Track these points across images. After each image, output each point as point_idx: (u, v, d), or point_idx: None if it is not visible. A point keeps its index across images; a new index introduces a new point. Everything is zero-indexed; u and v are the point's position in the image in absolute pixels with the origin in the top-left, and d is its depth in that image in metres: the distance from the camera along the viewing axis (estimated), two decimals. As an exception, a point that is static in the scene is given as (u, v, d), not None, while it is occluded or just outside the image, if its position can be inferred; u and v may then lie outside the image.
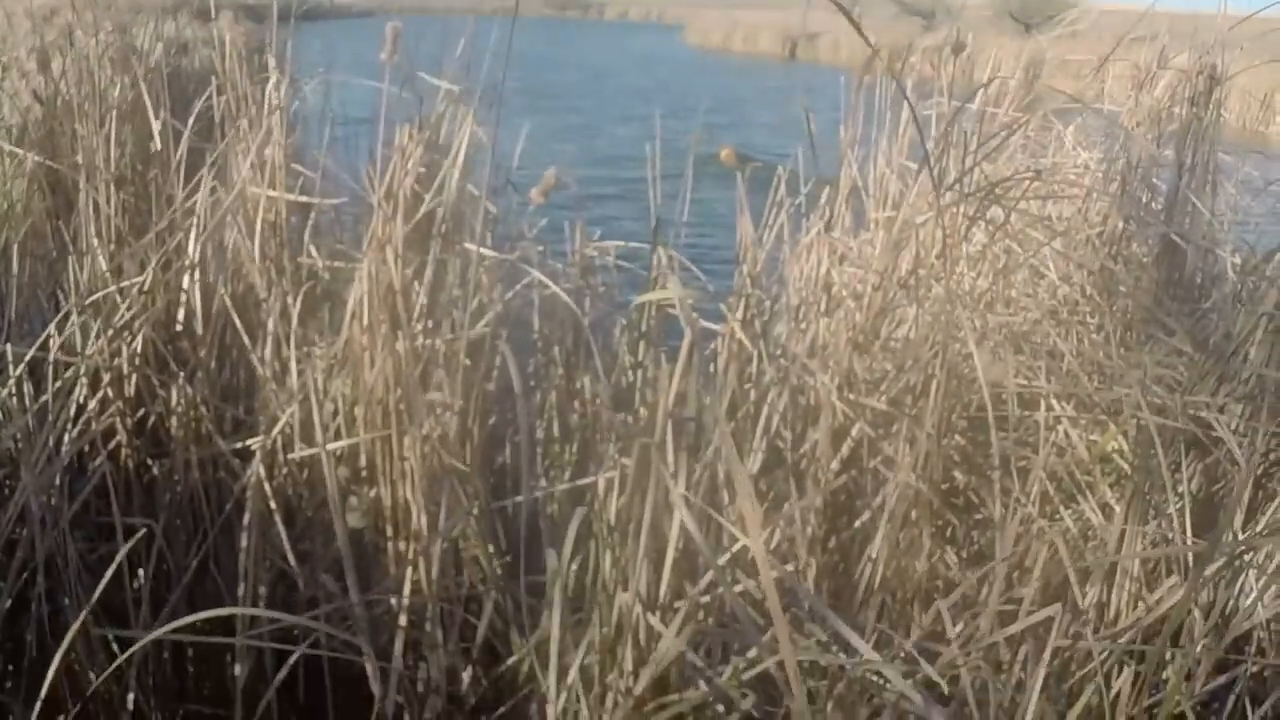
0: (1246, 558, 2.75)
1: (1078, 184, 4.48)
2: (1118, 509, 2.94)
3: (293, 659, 2.72)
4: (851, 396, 3.26)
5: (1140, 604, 2.73)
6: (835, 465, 3.19)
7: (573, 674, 2.26)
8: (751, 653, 2.27)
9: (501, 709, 2.81)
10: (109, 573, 2.69)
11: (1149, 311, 3.85)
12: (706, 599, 2.43)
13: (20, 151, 4.91)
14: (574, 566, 2.37)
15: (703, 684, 2.27)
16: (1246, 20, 4.46)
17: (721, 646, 2.48)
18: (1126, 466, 3.17)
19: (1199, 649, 2.45)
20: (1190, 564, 2.79)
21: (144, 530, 2.97)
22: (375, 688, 2.70)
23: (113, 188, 3.86)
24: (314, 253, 3.80)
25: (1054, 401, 3.31)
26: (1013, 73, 4.63)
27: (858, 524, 3.18)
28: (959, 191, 3.24)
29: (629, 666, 2.24)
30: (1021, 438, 3.31)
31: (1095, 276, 4.10)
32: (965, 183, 3.27)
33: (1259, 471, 3.12)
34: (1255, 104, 25.99)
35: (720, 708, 2.30)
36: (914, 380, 3.24)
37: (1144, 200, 4.69)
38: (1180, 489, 2.95)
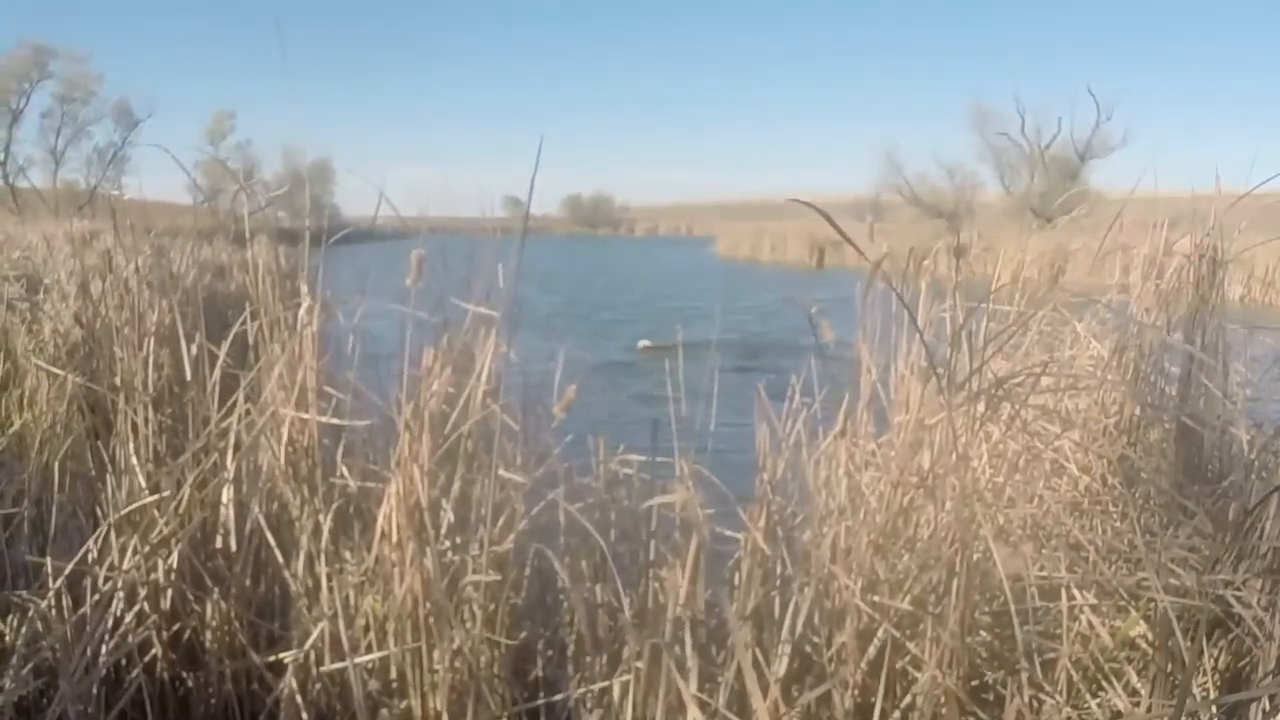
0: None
1: (1091, 375, 4.54)
2: (1144, 693, 2.96)
3: None
4: (875, 598, 3.28)
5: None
6: (863, 666, 3.21)
7: None
8: None
9: None
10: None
11: (1169, 495, 3.89)
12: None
13: (61, 373, 5.03)
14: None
15: None
16: (1246, 198, 4.55)
17: None
18: (1151, 651, 3.19)
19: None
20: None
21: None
22: None
23: (150, 409, 3.95)
24: (345, 472, 3.87)
25: (1075, 591, 3.34)
26: (1033, 267, 4.71)
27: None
28: (970, 391, 3.30)
29: None
30: (1047, 629, 3.33)
31: (1114, 465, 4.14)
32: (976, 381, 3.33)
33: (1283, 644, 3.12)
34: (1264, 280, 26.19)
35: None
36: (936, 578, 3.26)
37: (1158, 385, 4.75)
38: (1206, 668, 2.97)
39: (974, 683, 3.29)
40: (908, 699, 3.17)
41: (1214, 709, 2.97)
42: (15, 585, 3.57)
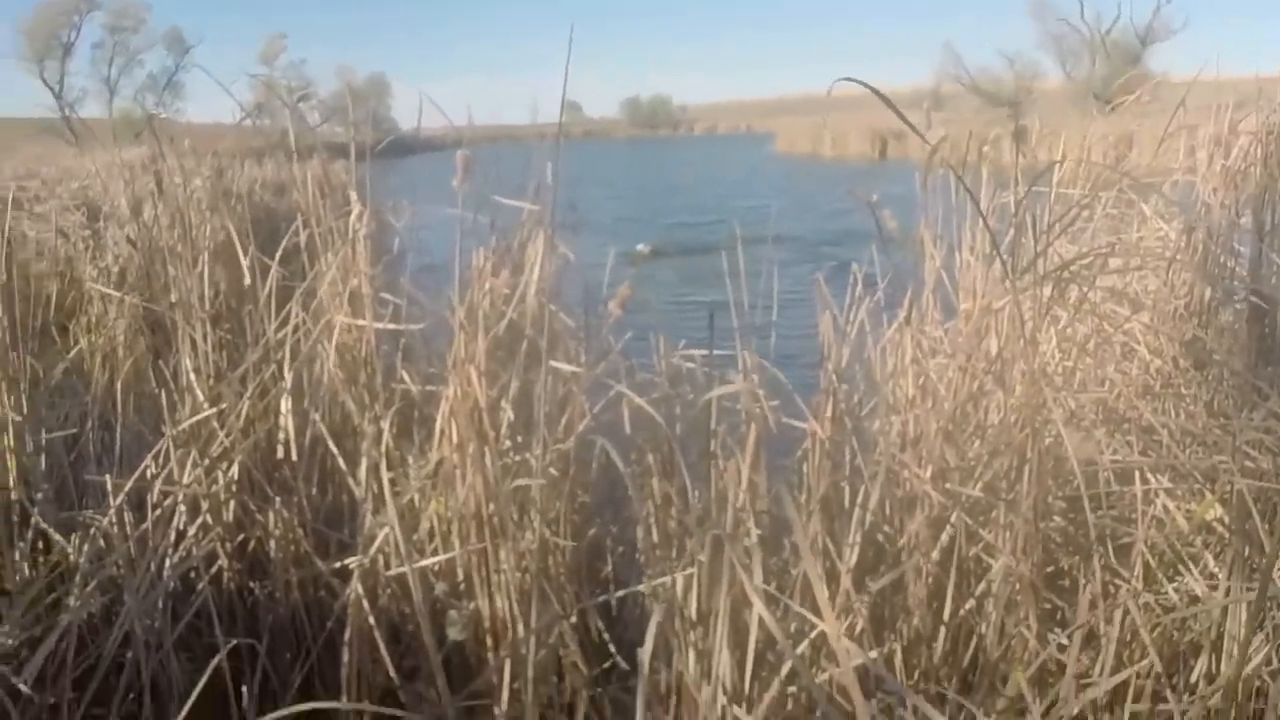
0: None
1: (1159, 257, 4.45)
2: (1221, 577, 2.90)
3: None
4: (947, 485, 3.24)
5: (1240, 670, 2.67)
6: (935, 555, 3.17)
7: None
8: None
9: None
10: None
11: (1242, 377, 3.82)
12: (794, 689, 2.42)
13: (118, 294, 5.04)
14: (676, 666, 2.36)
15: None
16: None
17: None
18: (1227, 535, 3.13)
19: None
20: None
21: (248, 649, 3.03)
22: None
23: (208, 325, 3.94)
24: (406, 377, 3.86)
25: (1150, 475, 3.27)
26: (1097, 152, 4.62)
27: (963, 611, 3.15)
28: (1035, 273, 3.23)
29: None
30: (1121, 514, 3.28)
31: (1185, 347, 4.07)
32: (1040, 265, 3.26)
33: (1362, 525, 3.05)
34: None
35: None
36: (1007, 464, 3.22)
37: (1228, 266, 4.66)
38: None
39: (1048, 569, 3.24)
40: (981, 586, 3.12)
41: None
42: (84, 506, 3.57)
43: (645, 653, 2.20)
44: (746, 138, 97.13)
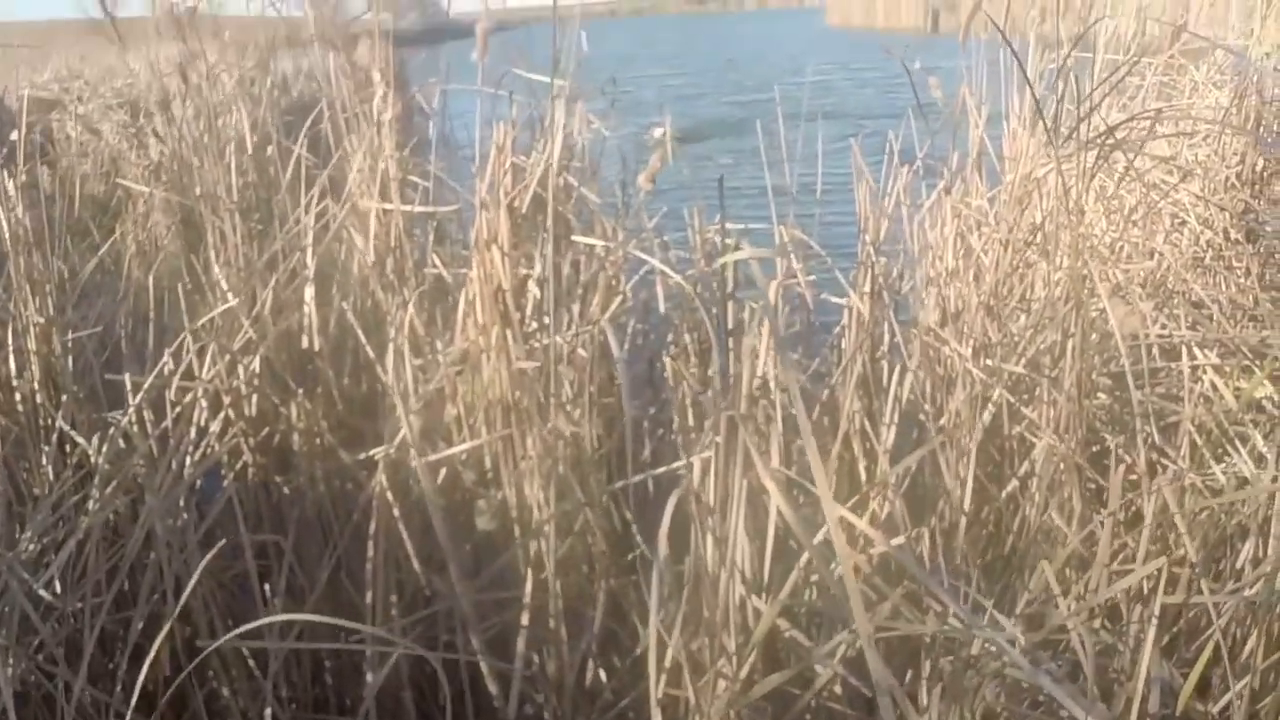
0: None
1: (1210, 122, 4.32)
2: (1270, 458, 2.81)
3: (392, 661, 2.70)
4: (988, 362, 3.17)
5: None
6: (977, 434, 3.10)
7: (672, 658, 2.18)
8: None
9: (625, 701, 2.76)
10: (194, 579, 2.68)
11: (1296, 250, 3.73)
12: (815, 578, 2.36)
13: (145, 189, 5.01)
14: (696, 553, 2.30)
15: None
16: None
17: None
18: (1278, 414, 3.04)
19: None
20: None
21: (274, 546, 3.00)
22: (492, 686, 2.68)
23: (237, 217, 3.90)
24: (438, 260, 3.80)
25: (1198, 350, 3.18)
26: (1159, 14, 4.51)
27: (1005, 493, 3.08)
28: (1078, 138, 3.13)
29: (733, 649, 2.18)
30: (1168, 391, 3.20)
31: (1237, 219, 3.97)
32: (1085, 129, 3.16)
33: None
34: None
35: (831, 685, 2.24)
36: (1051, 340, 3.14)
37: (1282, 134, 4.53)
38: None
39: (1093, 449, 3.16)
40: (1024, 466, 3.05)
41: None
42: (115, 407, 3.52)
43: (661, 537, 2.14)
44: (799, 12, 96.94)
